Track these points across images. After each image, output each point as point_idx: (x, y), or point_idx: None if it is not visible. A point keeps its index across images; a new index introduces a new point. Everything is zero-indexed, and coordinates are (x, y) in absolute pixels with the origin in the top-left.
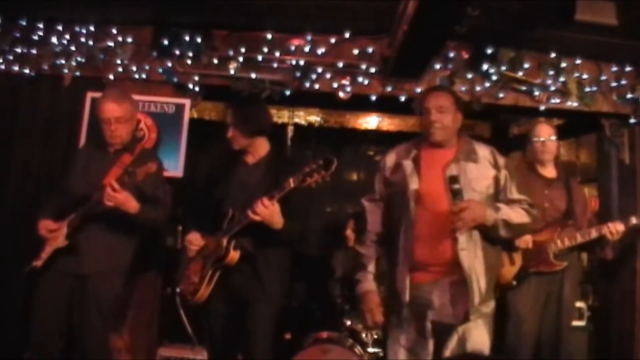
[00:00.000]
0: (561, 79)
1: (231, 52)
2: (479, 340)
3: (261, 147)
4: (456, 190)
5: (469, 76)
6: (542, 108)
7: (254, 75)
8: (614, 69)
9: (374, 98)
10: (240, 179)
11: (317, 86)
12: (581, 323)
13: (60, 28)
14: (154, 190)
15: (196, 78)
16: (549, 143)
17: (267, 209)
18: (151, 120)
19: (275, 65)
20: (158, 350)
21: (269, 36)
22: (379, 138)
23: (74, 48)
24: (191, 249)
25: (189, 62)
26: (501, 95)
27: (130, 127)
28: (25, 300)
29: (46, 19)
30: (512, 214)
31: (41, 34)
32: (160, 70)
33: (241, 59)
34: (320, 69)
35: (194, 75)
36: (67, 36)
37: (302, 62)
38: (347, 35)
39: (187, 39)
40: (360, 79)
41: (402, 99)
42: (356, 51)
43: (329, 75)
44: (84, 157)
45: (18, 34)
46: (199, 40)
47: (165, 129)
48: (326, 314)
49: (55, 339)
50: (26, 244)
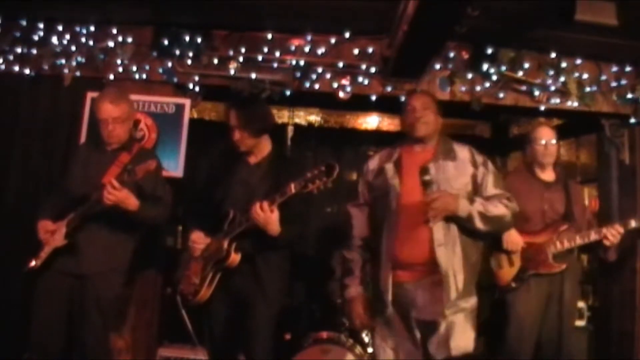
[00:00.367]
0: (561, 79)
1: (231, 52)
2: (462, 337)
3: (265, 147)
4: (427, 182)
5: (469, 76)
6: (542, 108)
7: (254, 75)
8: (614, 69)
9: (374, 98)
10: (242, 179)
11: (317, 86)
12: (581, 323)
13: (60, 28)
14: (153, 188)
15: (196, 78)
16: (551, 146)
17: (264, 214)
18: (151, 120)
19: (275, 65)
20: (158, 350)
21: (269, 36)
22: (379, 138)
23: (74, 48)
24: (196, 248)
25: (189, 62)
26: (501, 95)
27: (127, 126)
28: (24, 300)
29: (46, 19)
30: (489, 206)
31: (41, 34)
32: (160, 70)
33: (241, 59)
34: (320, 69)
35: (194, 75)
36: (67, 36)
37: (302, 62)
38: (347, 35)
39: (187, 39)
40: (360, 79)
41: (402, 99)
42: (356, 51)
43: (329, 75)
44: (82, 156)
45: (18, 34)
46: (199, 40)
47: (165, 129)
48: (326, 314)
49: (55, 339)
50: (26, 244)
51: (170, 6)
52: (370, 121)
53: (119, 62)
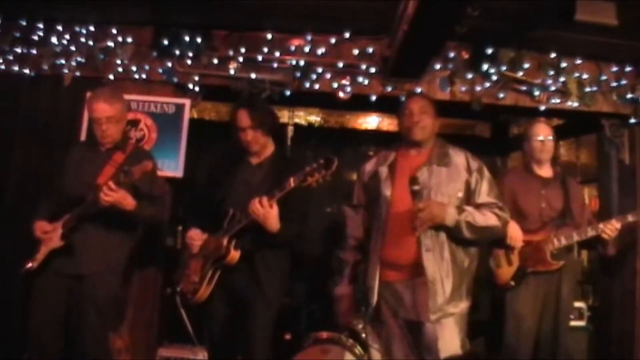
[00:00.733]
0: (561, 79)
1: (231, 52)
2: (450, 340)
3: (269, 148)
4: (415, 191)
5: (469, 76)
6: (542, 108)
7: (254, 75)
8: (614, 69)
9: (374, 98)
10: (243, 179)
11: (317, 86)
12: (581, 323)
13: (60, 28)
14: (149, 187)
15: (196, 78)
16: (548, 142)
17: (263, 209)
18: (151, 120)
19: (275, 65)
20: (158, 350)
21: (269, 36)
22: (379, 138)
23: (74, 48)
24: (194, 245)
25: (189, 62)
26: (501, 95)
27: (121, 126)
28: (22, 301)
29: (46, 19)
30: (477, 216)
31: (41, 34)
32: (160, 70)
33: (241, 59)
34: (320, 69)
35: (194, 75)
36: (67, 36)
37: (302, 62)
38: (347, 35)
39: (187, 39)
40: (360, 79)
41: (402, 99)
42: (356, 51)
43: (329, 75)
44: (77, 156)
45: (18, 34)
46: (199, 40)
47: (165, 129)
48: (326, 314)
49: (54, 339)
50: (26, 244)
51: (170, 6)
52: (370, 121)
53: (118, 62)
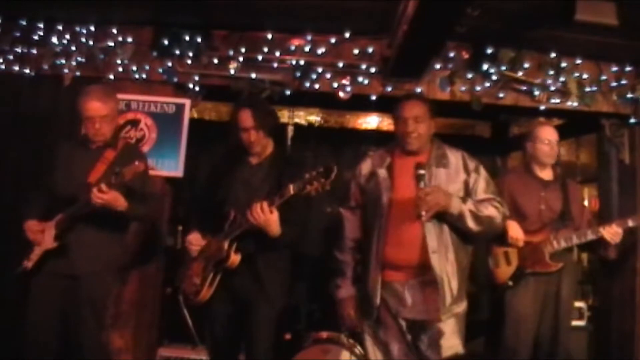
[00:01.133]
0: (561, 79)
1: (231, 52)
2: (453, 338)
3: (269, 147)
4: (420, 175)
5: (469, 76)
6: (542, 108)
7: (254, 75)
8: (614, 69)
9: (374, 98)
10: (244, 179)
11: (317, 86)
12: (581, 323)
13: (60, 28)
14: (142, 186)
15: (196, 78)
16: (554, 146)
17: (263, 215)
18: (151, 120)
19: (275, 65)
20: (158, 350)
21: (269, 36)
22: (379, 138)
23: (74, 48)
24: (192, 249)
25: (189, 62)
26: (501, 95)
27: (113, 124)
28: (18, 301)
29: (46, 19)
30: (480, 207)
31: (41, 34)
32: (160, 70)
33: (241, 59)
34: (320, 69)
35: (194, 75)
36: (67, 36)
37: (302, 62)
38: (347, 35)
39: (187, 39)
40: (360, 79)
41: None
42: (356, 51)
43: (329, 75)
44: (66, 153)
45: (18, 34)
46: (199, 40)
47: (165, 129)
48: (326, 314)
49: (52, 339)
50: (25, 245)
51: (170, 6)
52: (370, 121)
53: (119, 62)
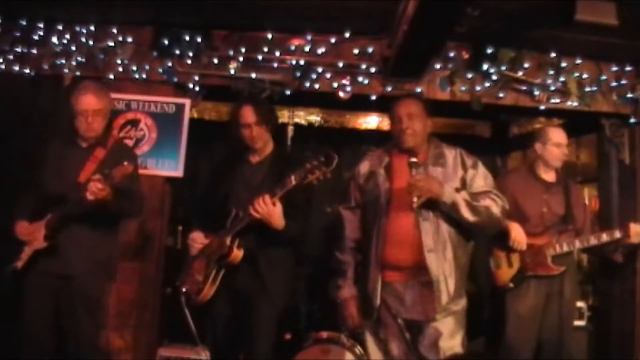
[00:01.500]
0: (561, 79)
1: (231, 52)
2: (452, 339)
3: (269, 145)
4: (413, 163)
5: (469, 76)
6: (542, 108)
7: (254, 75)
8: (614, 69)
9: (374, 98)
10: (245, 178)
11: (317, 86)
12: (581, 323)
13: (60, 28)
14: (130, 184)
15: (196, 78)
16: (564, 149)
17: (266, 207)
18: (151, 120)
19: (275, 65)
20: (158, 350)
21: (269, 36)
22: (379, 138)
23: (74, 48)
24: (194, 247)
25: (189, 62)
26: (501, 95)
27: (105, 121)
28: (9, 301)
29: (46, 19)
30: (476, 197)
31: (41, 34)
32: (160, 70)
33: (241, 59)
34: (320, 69)
35: (194, 75)
36: (67, 36)
37: (302, 62)
38: (347, 35)
39: (187, 39)
40: (360, 79)
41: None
42: (356, 51)
43: (329, 75)
44: (56, 152)
45: (18, 34)
46: (199, 40)
47: (165, 129)
48: (326, 314)
49: (48, 339)
50: (17, 245)
51: (170, 6)
52: (370, 121)
53: (119, 62)
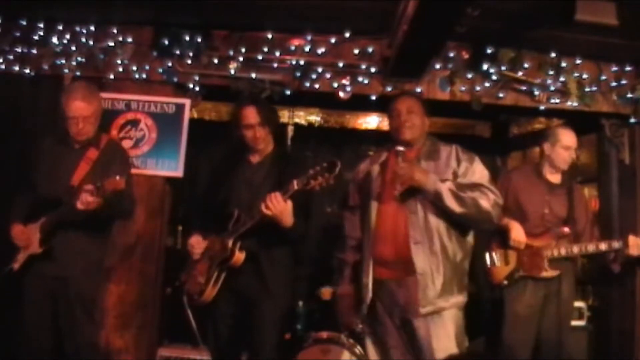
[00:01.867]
0: (561, 79)
1: (231, 52)
2: (444, 339)
3: (270, 145)
4: (399, 152)
5: (469, 76)
6: (542, 108)
7: (254, 75)
8: (614, 69)
9: (374, 98)
10: (245, 179)
11: (317, 86)
12: (581, 323)
13: (60, 28)
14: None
15: (196, 78)
16: (573, 152)
17: (279, 204)
18: (151, 120)
19: (275, 65)
20: (158, 350)
21: (269, 36)
22: (379, 138)
23: (74, 48)
24: (194, 253)
25: (189, 62)
26: (501, 95)
27: (96, 123)
28: (10, 303)
29: (46, 19)
30: (464, 188)
31: (41, 34)
32: (160, 70)
33: (241, 59)
34: (320, 69)
35: (194, 75)
36: (67, 36)
37: (302, 62)
38: (347, 35)
39: (187, 39)
40: (360, 79)
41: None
42: (356, 51)
43: (329, 75)
44: (48, 152)
45: (18, 34)
46: (199, 40)
47: (165, 129)
48: (326, 314)
49: (47, 340)
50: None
51: (170, 6)
52: (370, 121)
53: (119, 62)
